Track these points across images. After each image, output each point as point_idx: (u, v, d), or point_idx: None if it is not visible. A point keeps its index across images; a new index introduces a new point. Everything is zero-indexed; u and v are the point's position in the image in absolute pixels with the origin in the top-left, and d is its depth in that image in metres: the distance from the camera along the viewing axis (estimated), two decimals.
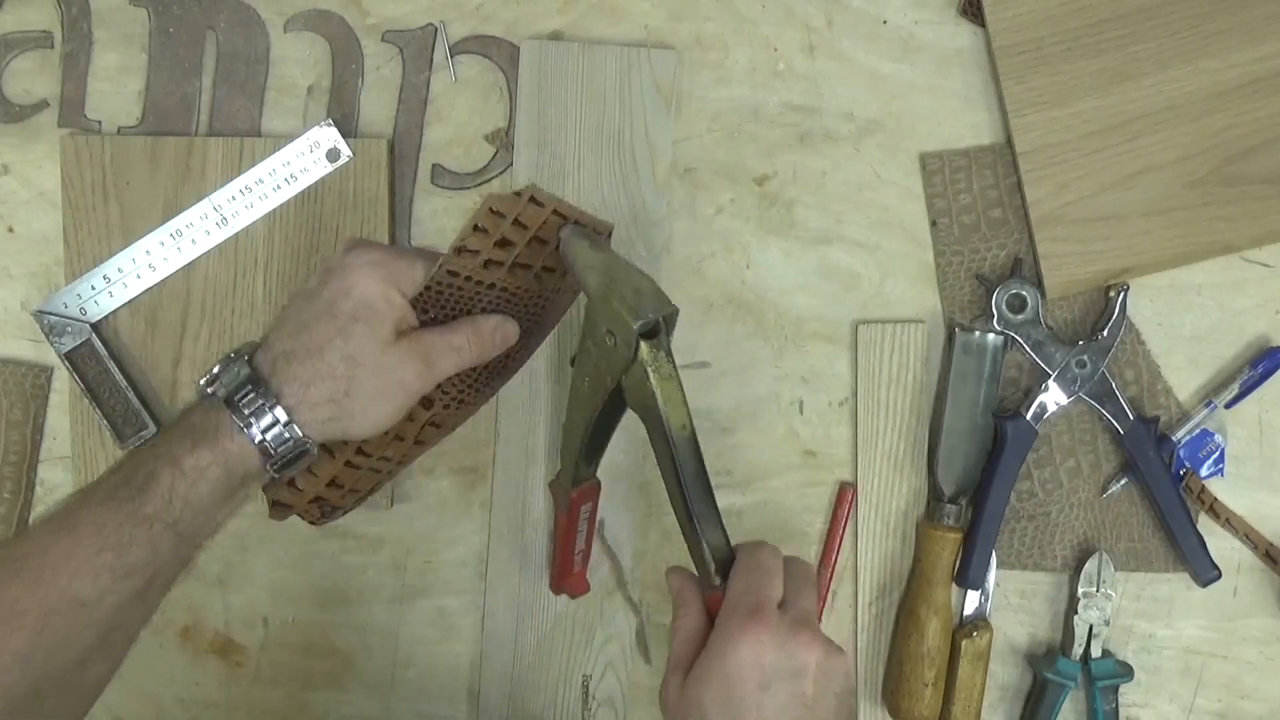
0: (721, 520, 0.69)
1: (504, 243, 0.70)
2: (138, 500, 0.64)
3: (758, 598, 0.66)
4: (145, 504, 0.64)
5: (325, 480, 0.73)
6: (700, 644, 0.67)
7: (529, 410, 0.86)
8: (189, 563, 0.68)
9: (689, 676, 0.65)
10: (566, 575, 0.84)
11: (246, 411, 0.65)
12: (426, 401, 0.72)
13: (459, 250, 0.69)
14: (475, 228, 0.69)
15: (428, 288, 0.69)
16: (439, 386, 0.72)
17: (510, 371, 0.80)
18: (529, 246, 0.71)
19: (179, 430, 0.67)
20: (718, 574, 0.68)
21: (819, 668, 0.65)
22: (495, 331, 0.73)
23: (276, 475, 0.68)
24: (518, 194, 0.69)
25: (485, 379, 0.76)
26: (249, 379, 0.66)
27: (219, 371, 0.67)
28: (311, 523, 0.76)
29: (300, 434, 0.66)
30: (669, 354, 0.67)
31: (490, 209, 0.69)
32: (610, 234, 0.75)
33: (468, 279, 0.71)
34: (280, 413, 0.66)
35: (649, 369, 0.66)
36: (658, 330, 0.66)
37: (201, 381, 0.68)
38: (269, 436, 0.66)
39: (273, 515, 0.73)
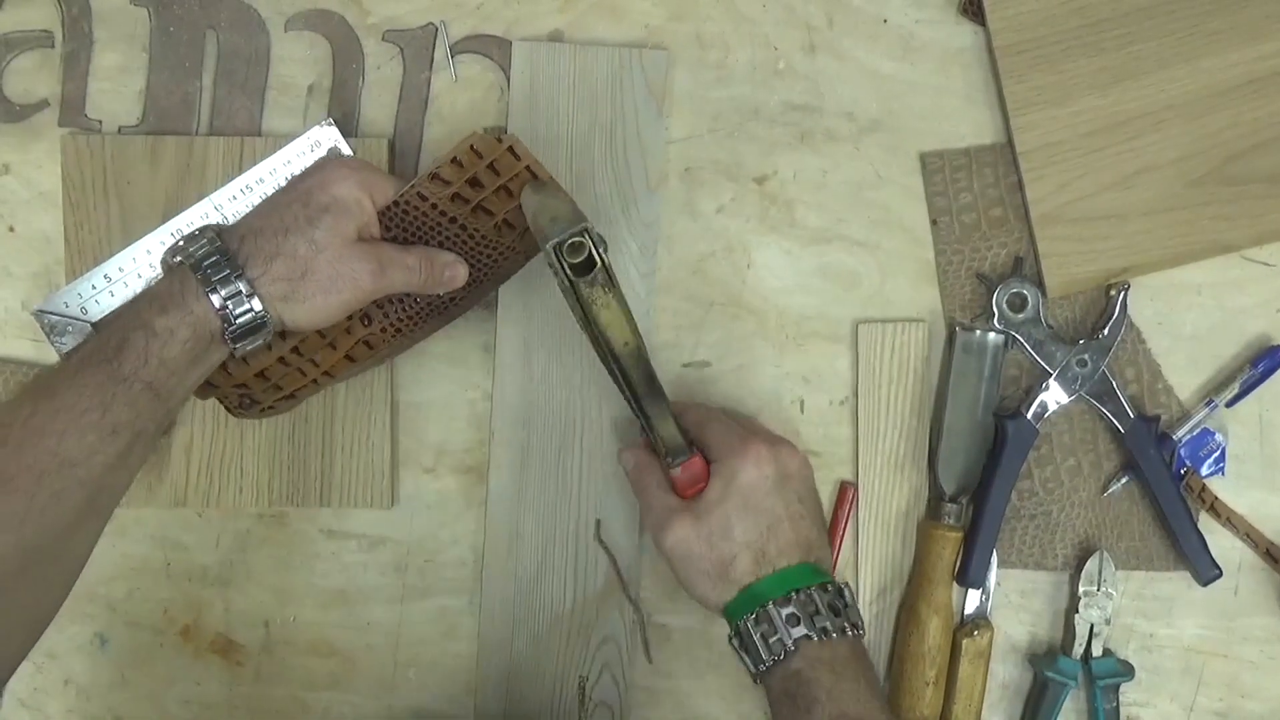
0: (673, 415, 0.75)
1: (475, 182, 0.75)
2: (115, 362, 0.67)
3: (738, 430, 0.77)
4: (122, 365, 0.67)
5: (255, 370, 0.77)
6: (678, 492, 0.76)
7: (525, 409, 0.86)
8: (165, 424, 0.73)
9: (700, 507, 0.75)
10: None
11: (213, 276, 0.69)
12: (365, 318, 0.77)
13: (432, 176, 0.74)
14: (453, 160, 0.74)
15: (395, 203, 0.75)
16: (380, 306, 0.77)
17: (448, 316, 0.82)
18: (497, 194, 0.76)
19: (145, 298, 0.71)
20: (669, 457, 0.76)
21: (799, 470, 0.77)
22: (446, 267, 0.77)
23: (234, 346, 0.71)
24: (499, 139, 0.74)
25: (424, 314, 0.79)
26: (217, 249, 0.70)
27: (184, 243, 0.71)
28: (228, 409, 0.80)
29: (260, 307, 0.70)
30: (604, 277, 0.66)
31: (471, 146, 0.74)
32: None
33: (433, 206, 0.75)
34: (243, 284, 0.70)
35: (584, 296, 0.67)
36: (583, 252, 0.66)
37: (166, 253, 0.73)
38: (230, 304, 0.69)
39: (195, 393, 0.75)
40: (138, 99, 0.87)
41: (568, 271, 0.66)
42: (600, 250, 0.66)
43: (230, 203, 0.85)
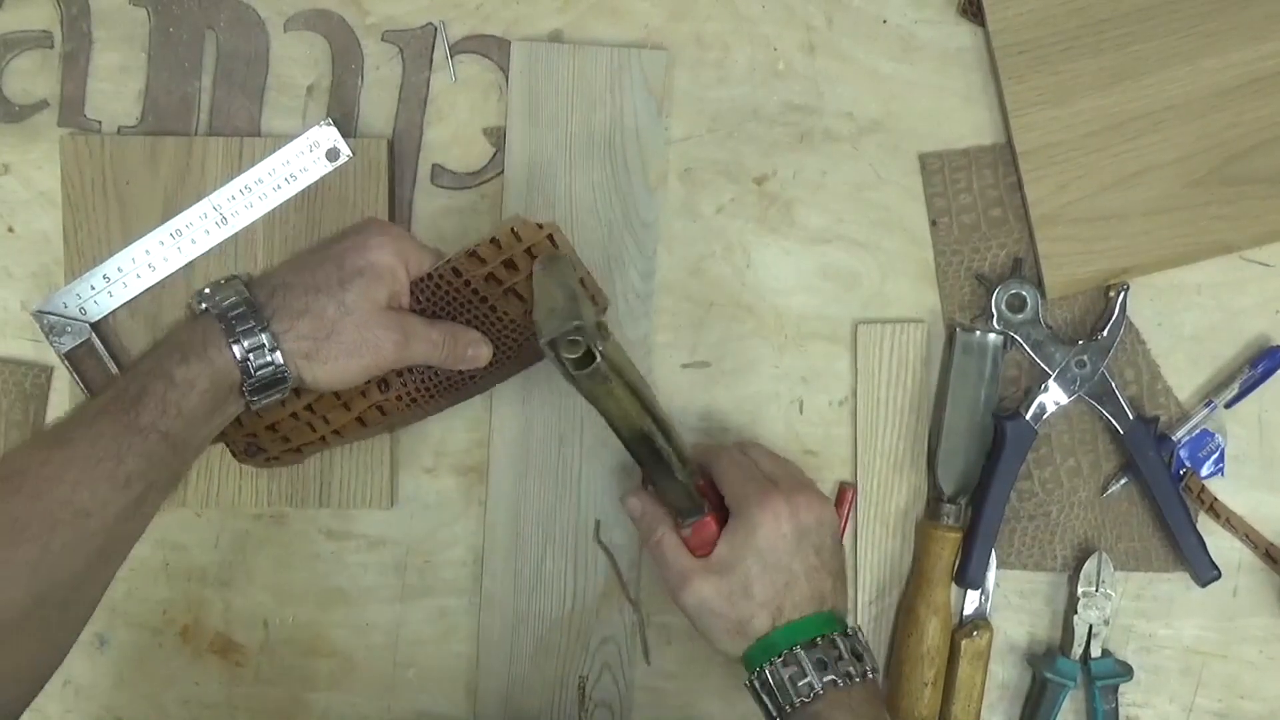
0: (688, 484, 0.74)
1: (510, 264, 0.75)
2: (132, 412, 0.67)
3: (757, 479, 0.76)
4: (140, 415, 0.67)
5: (267, 423, 0.77)
6: (693, 549, 0.75)
7: (524, 409, 0.86)
8: (180, 475, 0.72)
9: (719, 565, 0.74)
10: None
11: (238, 327, 0.68)
12: (383, 384, 0.77)
13: (470, 254, 0.74)
14: (491, 240, 0.74)
15: (429, 275, 0.75)
16: (400, 375, 0.77)
17: (465, 393, 0.82)
18: (527, 280, 0.75)
19: (167, 346, 0.70)
20: (679, 516, 0.76)
21: (817, 522, 0.75)
22: (470, 345, 0.77)
23: (251, 399, 0.71)
24: (540, 226, 0.74)
25: (441, 388, 0.79)
26: (244, 300, 0.69)
27: (212, 291, 0.71)
28: (234, 454, 0.80)
29: (280, 362, 0.69)
30: (604, 369, 0.63)
31: (511, 229, 0.74)
32: (605, 308, 0.81)
33: (466, 284, 0.75)
34: (267, 337, 0.69)
35: (585, 390, 0.65)
36: (579, 349, 0.63)
37: (192, 298, 0.72)
38: (252, 356, 0.69)
39: None
40: (137, 99, 0.87)
41: (567, 368, 0.63)
42: (599, 345, 0.63)
43: (230, 202, 0.85)
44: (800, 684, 0.71)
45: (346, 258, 0.72)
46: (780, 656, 0.72)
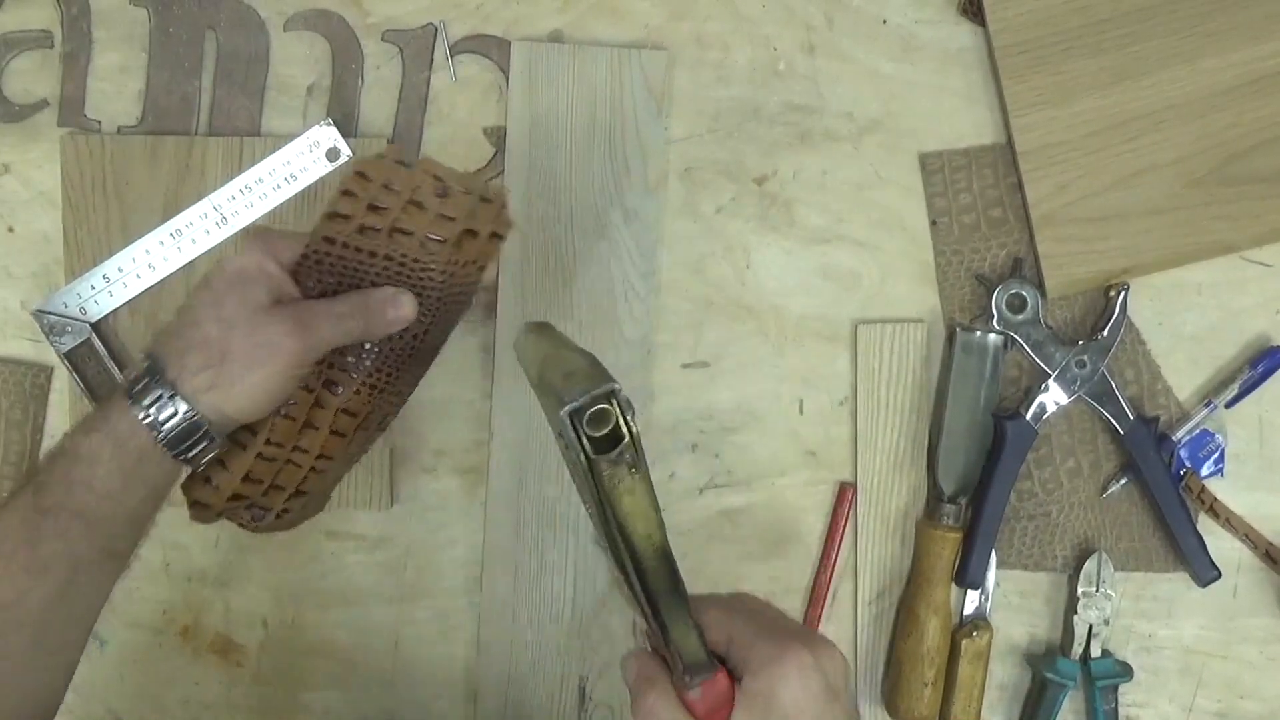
0: (698, 627, 0.60)
1: (375, 208, 0.69)
2: (38, 495, 0.64)
3: (771, 631, 0.62)
4: (45, 497, 0.64)
5: (239, 474, 0.70)
6: (700, 716, 0.60)
7: (524, 408, 0.86)
8: (116, 554, 0.67)
9: None
10: None
11: (133, 389, 0.65)
12: (331, 385, 0.71)
13: (330, 215, 0.69)
14: (343, 192, 0.69)
15: (305, 256, 0.69)
16: (344, 369, 0.71)
17: (429, 355, 0.76)
18: (406, 211, 0.69)
19: (78, 426, 0.68)
20: (686, 674, 0.60)
21: (843, 678, 0.62)
22: (386, 303, 0.70)
23: (180, 456, 0.66)
24: (381, 156, 0.69)
25: (395, 363, 0.73)
26: (145, 368, 0.66)
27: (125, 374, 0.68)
28: (242, 525, 0.73)
29: (186, 406, 0.65)
30: (631, 454, 0.54)
31: (356, 172, 0.69)
32: (505, 203, 0.72)
33: (344, 246, 0.70)
34: (163, 388, 0.65)
35: (603, 478, 0.54)
36: (608, 423, 0.53)
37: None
38: (154, 411, 0.65)
39: (194, 517, 0.71)
40: (137, 99, 0.87)
41: (586, 447, 0.53)
42: (629, 420, 0.53)
43: (230, 202, 0.85)
44: None
45: (213, 280, 0.68)
46: None
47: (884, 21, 0.86)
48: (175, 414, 0.65)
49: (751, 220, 0.87)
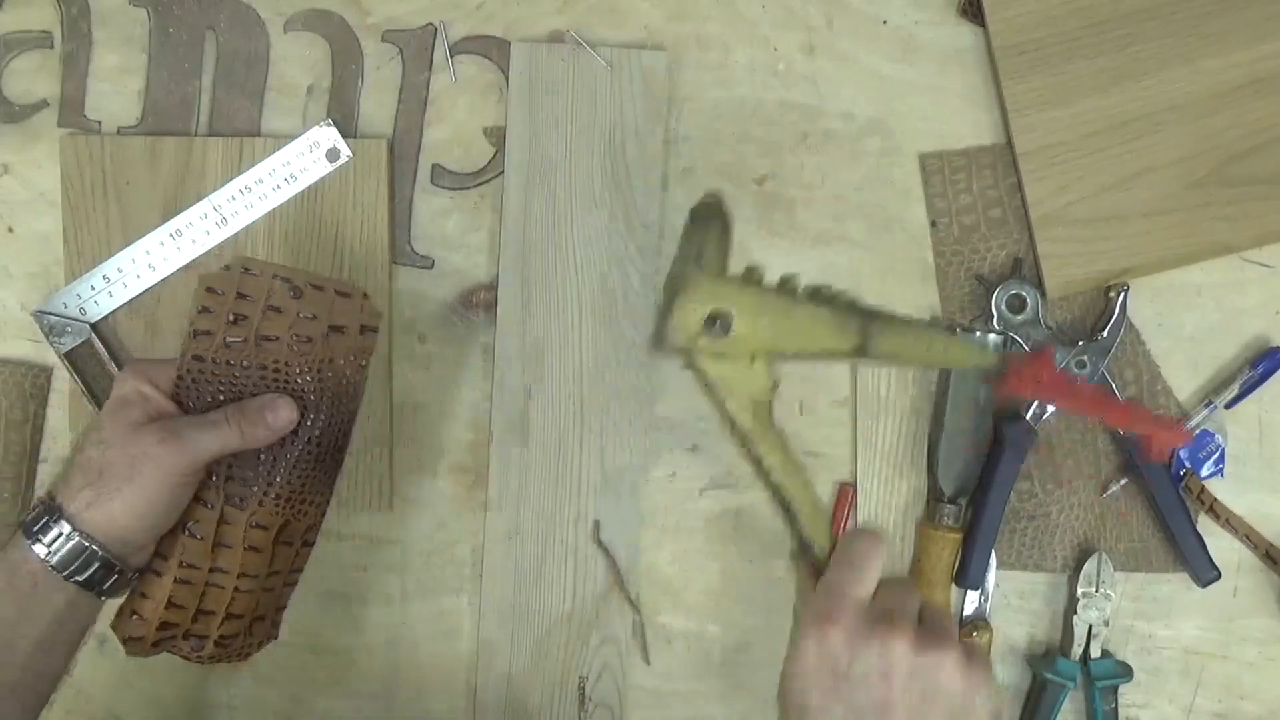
0: (822, 518, 0.66)
1: (235, 319, 0.71)
2: None
3: (835, 592, 0.62)
4: None
5: (161, 602, 0.70)
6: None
7: (525, 409, 0.86)
8: (15, 687, 0.68)
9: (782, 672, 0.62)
10: None
11: (27, 519, 0.68)
12: (234, 499, 0.71)
13: (194, 334, 0.70)
14: (201, 309, 0.71)
15: (180, 378, 0.71)
16: (241, 481, 0.71)
17: (334, 457, 0.75)
18: (266, 318, 0.71)
19: None
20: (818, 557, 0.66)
21: (909, 670, 0.58)
22: (263, 409, 0.70)
23: (74, 579, 0.67)
24: (228, 268, 0.70)
25: (299, 468, 0.72)
26: (39, 499, 0.69)
27: None
28: (185, 658, 0.73)
29: (69, 527, 0.66)
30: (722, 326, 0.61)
31: (206, 288, 0.70)
32: (365, 295, 0.74)
33: (216, 361, 0.71)
34: (52, 511, 0.67)
35: (693, 351, 0.63)
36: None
37: None
38: (40, 535, 0.67)
39: (129, 652, 0.71)
40: (137, 99, 0.87)
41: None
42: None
43: (230, 203, 0.85)
44: None
45: (98, 414, 0.71)
46: None
47: (884, 22, 0.86)
48: (60, 535, 0.67)
49: (751, 220, 0.87)
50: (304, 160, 0.85)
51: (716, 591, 0.87)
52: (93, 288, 0.85)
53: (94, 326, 0.85)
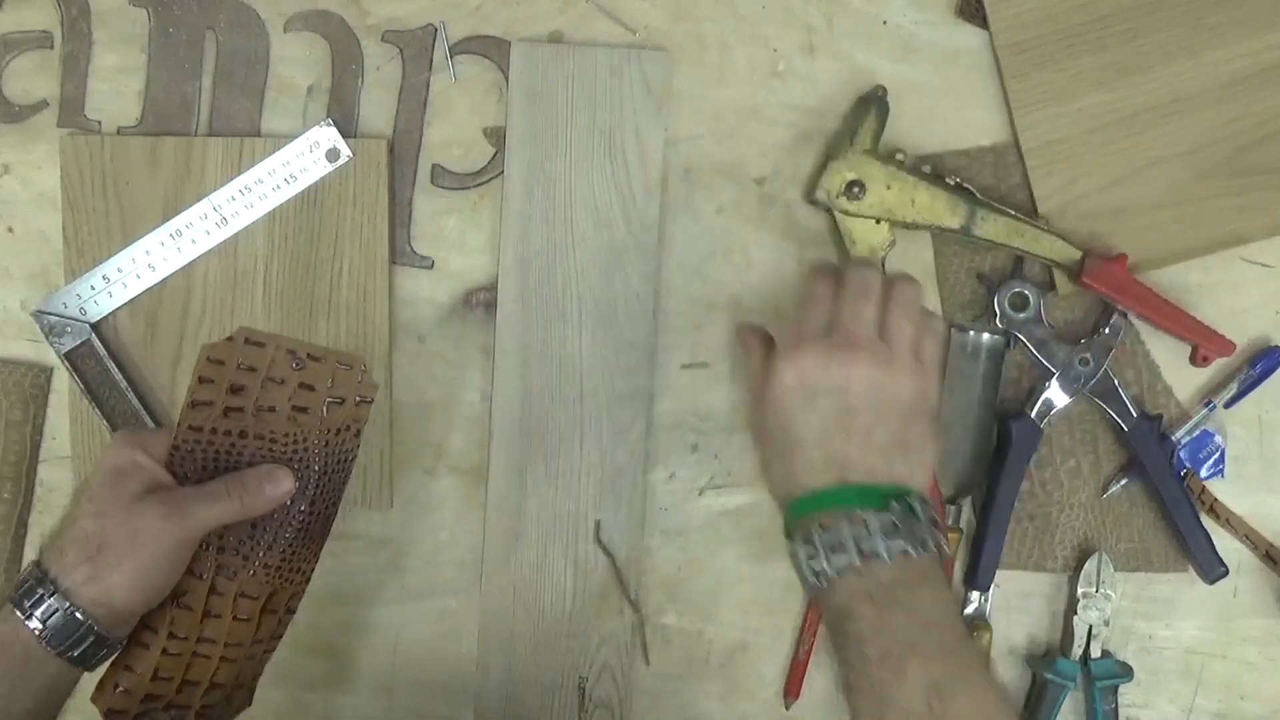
0: None
1: (236, 389, 0.71)
2: None
3: (812, 318, 0.71)
4: None
5: (147, 674, 0.70)
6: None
7: (524, 409, 0.86)
8: None
9: (754, 403, 0.72)
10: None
11: (18, 592, 0.67)
12: (228, 571, 0.71)
13: (192, 404, 0.70)
14: (201, 379, 0.70)
15: (176, 448, 0.70)
16: (234, 552, 0.71)
17: (322, 527, 0.75)
18: (266, 388, 0.71)
19: None
20: None
21: (866, 381, 0.68)
22: (263, 480, 0.70)
23: (66, 655, 0.66)
24: (230, 339, 0.70)
25: (290, 538, 0.73)
26: (29, 571, 0.67)
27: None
28: None
29: (66, 602, 0.65)
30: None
31: (208, 358, 0.70)
32: (365, 368, 0.74)
33: (214, 431, 0.71)
34: (45, 585, 0.66)
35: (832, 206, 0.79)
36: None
37: None
38: (34, 610, 0.66)
39: None
40: (137, 99, 0.87)
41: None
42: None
43: (230, 203, 0.85)
44: (810, 568, 0.66)
45: (90, 482, 0.70)
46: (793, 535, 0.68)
47: (884, 22, 0.86)
48: (56, 611, 0.66)
49: (751, 220, 0.86)
50: (304, 160, 0.85)
51: (716, 591, 0.87)
52: (93, 288, 0.85)
53: (94, 326, 0.86)
